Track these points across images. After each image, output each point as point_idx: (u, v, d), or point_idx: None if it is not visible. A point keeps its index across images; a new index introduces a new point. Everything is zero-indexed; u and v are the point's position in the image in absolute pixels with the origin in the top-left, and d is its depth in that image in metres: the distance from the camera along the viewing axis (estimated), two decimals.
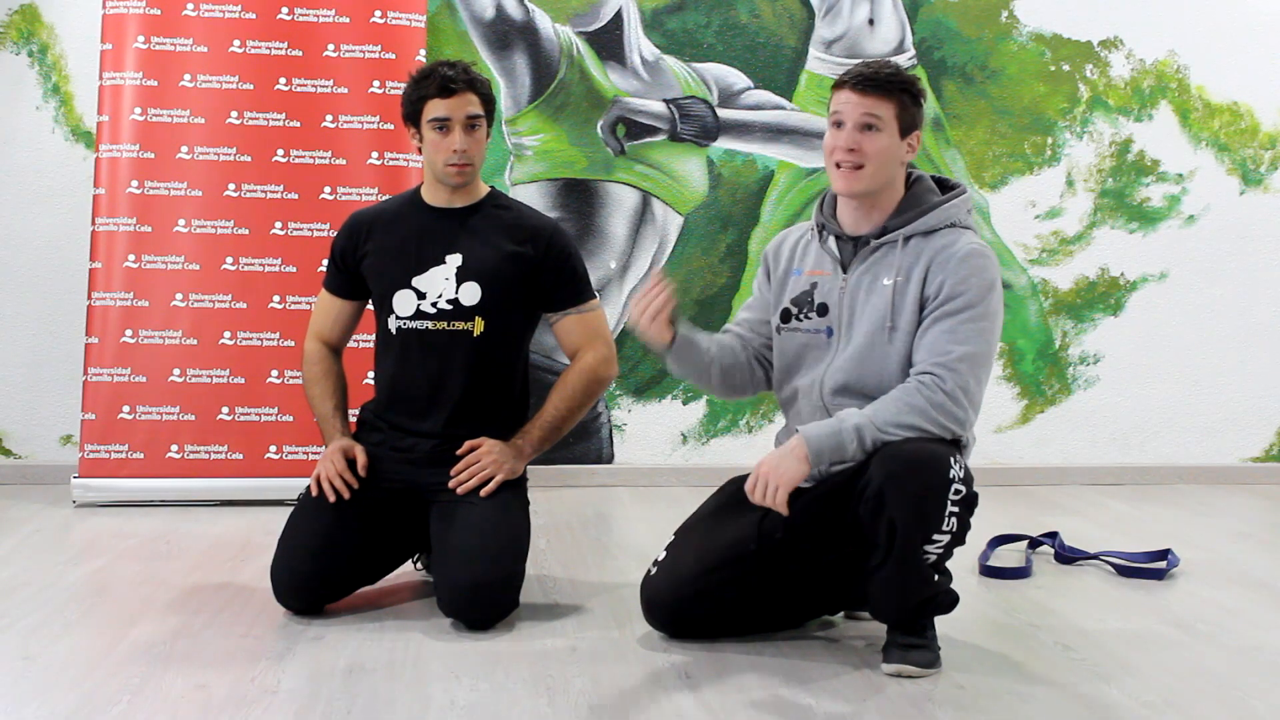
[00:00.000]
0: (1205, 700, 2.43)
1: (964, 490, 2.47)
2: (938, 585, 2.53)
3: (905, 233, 2.61)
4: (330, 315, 3.14)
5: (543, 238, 3.01)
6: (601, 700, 2.39)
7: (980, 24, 4.77)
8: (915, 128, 2.62)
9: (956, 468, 2.45)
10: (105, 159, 4.19)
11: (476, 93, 2.92)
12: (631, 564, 3.44)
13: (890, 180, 2.62)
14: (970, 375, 2.50)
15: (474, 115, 2.92)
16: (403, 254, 3.01)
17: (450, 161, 2.92)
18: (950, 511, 2.44)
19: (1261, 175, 4.91)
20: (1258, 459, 4.96)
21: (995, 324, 2.57)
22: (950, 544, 2.49)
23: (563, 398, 3.03)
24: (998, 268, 2.60)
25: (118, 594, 3.09)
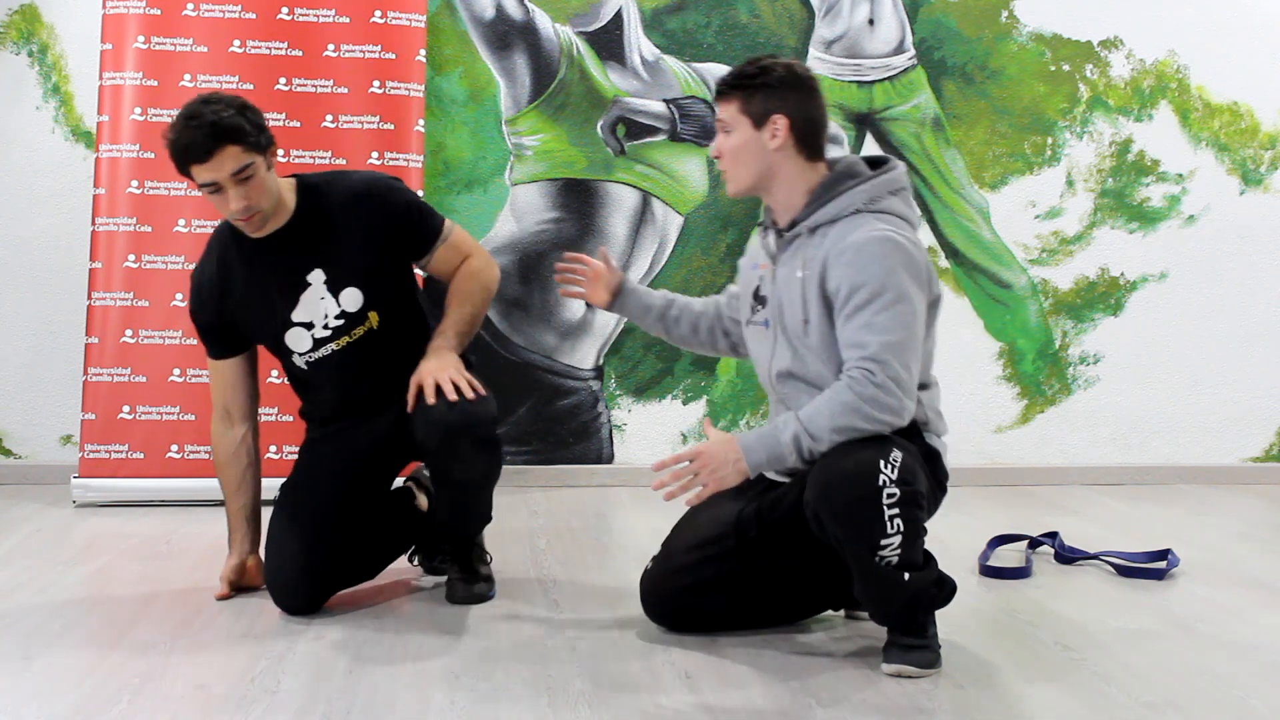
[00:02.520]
0: (1205, 700, 2.43)
1: (899, 491, 2.41)
2: (913, 583, 2.48)
3: (809, 224, 2.61)
4: (227, 382, 3.00)
5: (367, 201, 2.90)
6: (601, 700, 2.39)
7: (980, 24, 4.77)
8: (770, 114, 2.59)
9: (887, 470, 2.41)
10: (105, 159, 4.19)
11: (236, 141, 2.69)
12: (631, 564, 3.44)
13: (765, 173, 2.63)
14: (897, 362, 2.45)
15: (240, 169, 2.71)
16: (267, 301, 2.91)
17: (236, 218, 2.79)
18: (890, 515, 2.41)
19: (1261, 175, 4.91)
20: (1258, 459, 4.95)
21: (910, 305, 2.48)
22: (906, 543, 2.44)
23: (464, 298, 2.97)
24: (904, 248, 2.51)
25: (118, 594, 3.09)
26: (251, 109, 2.78)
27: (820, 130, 2.66)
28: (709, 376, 4.72)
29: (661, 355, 4.71)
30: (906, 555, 2.46)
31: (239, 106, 2.75)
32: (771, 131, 2.60)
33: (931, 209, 4.77)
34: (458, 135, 4.59)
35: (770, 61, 2.63)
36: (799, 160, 2.63)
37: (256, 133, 2.73)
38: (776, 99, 2.59)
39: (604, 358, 4.69)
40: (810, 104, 2.64)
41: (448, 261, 3.00)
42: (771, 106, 2.59)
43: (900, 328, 2.47)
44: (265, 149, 2.76)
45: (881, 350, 2.45)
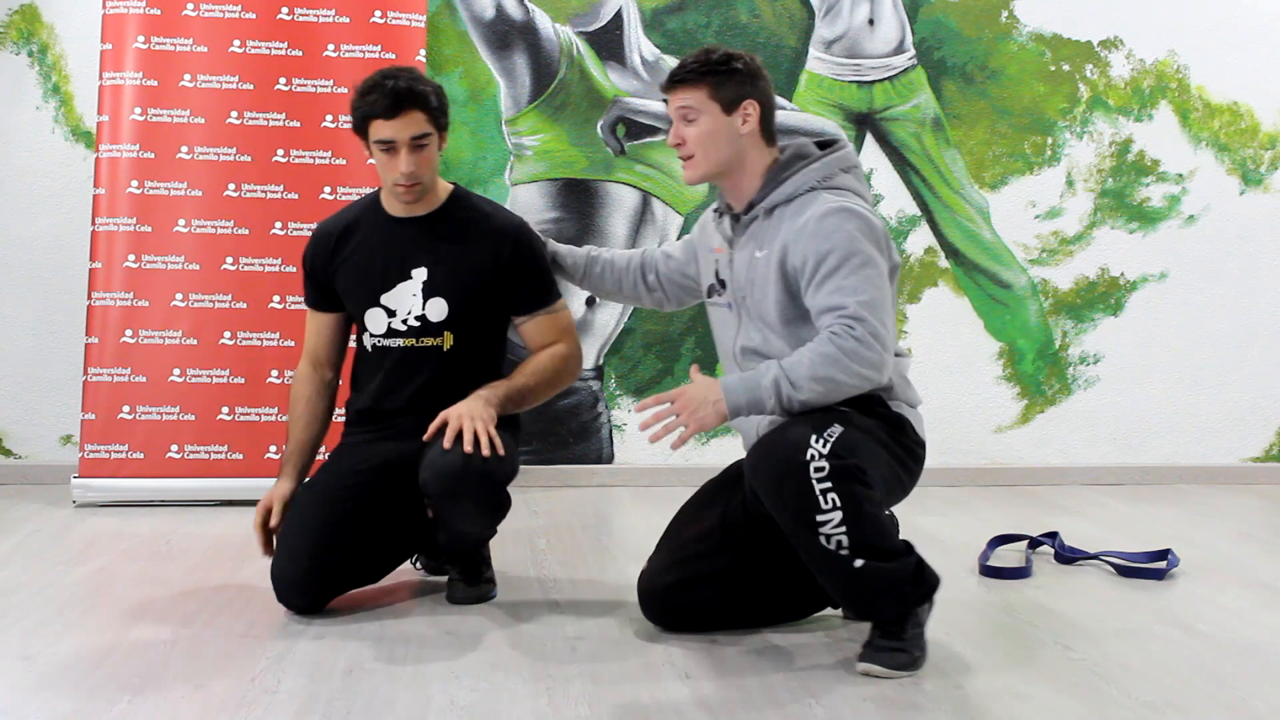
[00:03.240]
0: (1205, 700, 2.43)
1: (829, 465, 2.38)
2: (874, 573, 2.43)
3: (765, 205, 2.65)
4: (317, 332, 3.10)
5: (507, 240, 2.96)
6: (601, 700, 2.39)
7: (980, 24, 4.77)
8: (742, 99, 2.64)
9: (818, 444, 2.40)
10: (105, 159, 4.19)
11: (424, 109, 2.81)
12: (631, 564, 3.44)
13: (734, 158, 2.67)
14: (875, 319, 2.46)
15: (420, 135, 2.82)
16: (369, 271, 2.97)
17: (398, 183, 2.86)
18: (820, 489, 2.38)
19: (1261, 175, 4.91)
20: (1258, 459, 4.96)
21: (877, 268, 2.51)
22: (851, 522, 2.39)
23: (534, 373, 2.98)
24: (862, 217, 2.54)
25: (118, 594, 3.09)
26: (441, 91, 2.89)
27: (773, 114, 2.73)
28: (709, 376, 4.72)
29: (661, 355, 4.71)
30: (857, 537, 2.41)
31: (433, 86, 2.87)
32: (743, 116, 2.65)
33: (931, 209, 4.77)
34: (458, 135, 4.59)
35: (728, 51, 2.69)
36: (760, 144, 2.69)
37: (441, 111, 2.85)
38: (748, 85, 2.65)
39: (604, 358, 4.69)
40: (770, 90, 2.72)
41: (541, 334, 3.02)
42: (744, 92, 2.65)
43: (872, 287, 2.49)
44: (442, 130, 2.87)
45: (859, 308, 2.46)
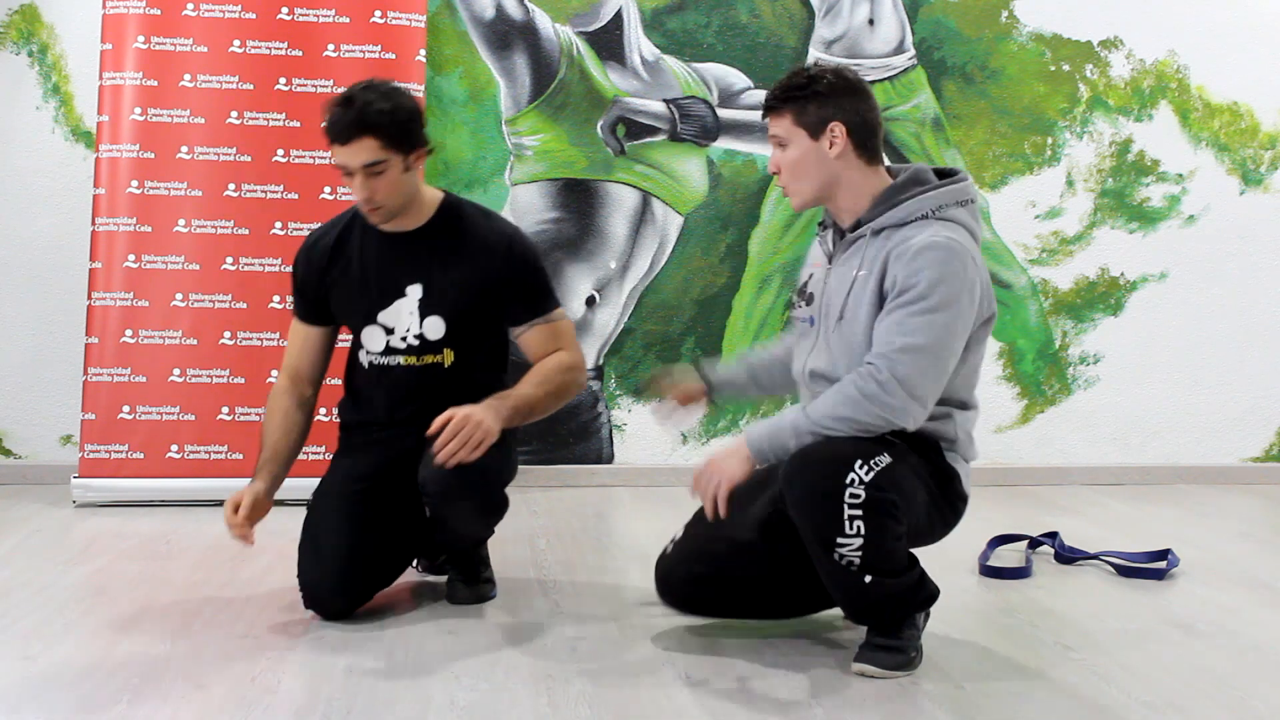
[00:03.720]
0: (1205, 700, 2.43)
1: (865, 494, 2.36)
2: (878, 588, 2.45)
3: (874, 226, 2.57)
4: (302, 347, 3.02)
5: (500, 251, 2.88)
6: (601, 700, 2.39)
7: (980, 24, 4.77)
8: (828, 121, 2.54)
9: (860, 470, 2.37)
10: (105, 159, 4.19)
11: (378, 135, 2.69)
12: (631, 564, 3.45)
13: (829, 181, 2.59)
14: (911, 366, 2.41)
15: (373, 163, 2.70)
16: (365, 287, 2.92)
17: (361, 207, 2.81)
18: (850, 515, 2.37)
19: (1261, 175, 4.91)
20: (1258, 459, 4.96)
21: (948, 315, 2.44)
22: (869, 548, 2.39)
23: (541, 382, 2.87)
24: (963, 259, 2.47)
25: (118, 594, 3.09)
26: (406, 110, 2.75)
27: (876, 132, 2.63)
28: None
29: (661, 355, 4.71)
30: (870, 559, 2.41)
31: (394, 106, 2.71)
32: (830, 139, 2.56)
33: None
34: (458, 135, 4.59)
35: (817, 70, 2.59)
36: (860, 165, 2.60)
37: (401, 133, 2.71)
38: (831, 106, 2.55)
39: (604, 358, 4.69)
40: (864, 107, 2.59)
41: (540, 343, 2.92)
42: (826, 114, 2.55)
43: (928, 334, 2.43)
44: (409, 151, 2.75)
45: (900, 350, 2.42)
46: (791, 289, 2.90)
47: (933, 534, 2.64)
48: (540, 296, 2.93)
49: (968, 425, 2.63)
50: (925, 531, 2.61)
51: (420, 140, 2.79)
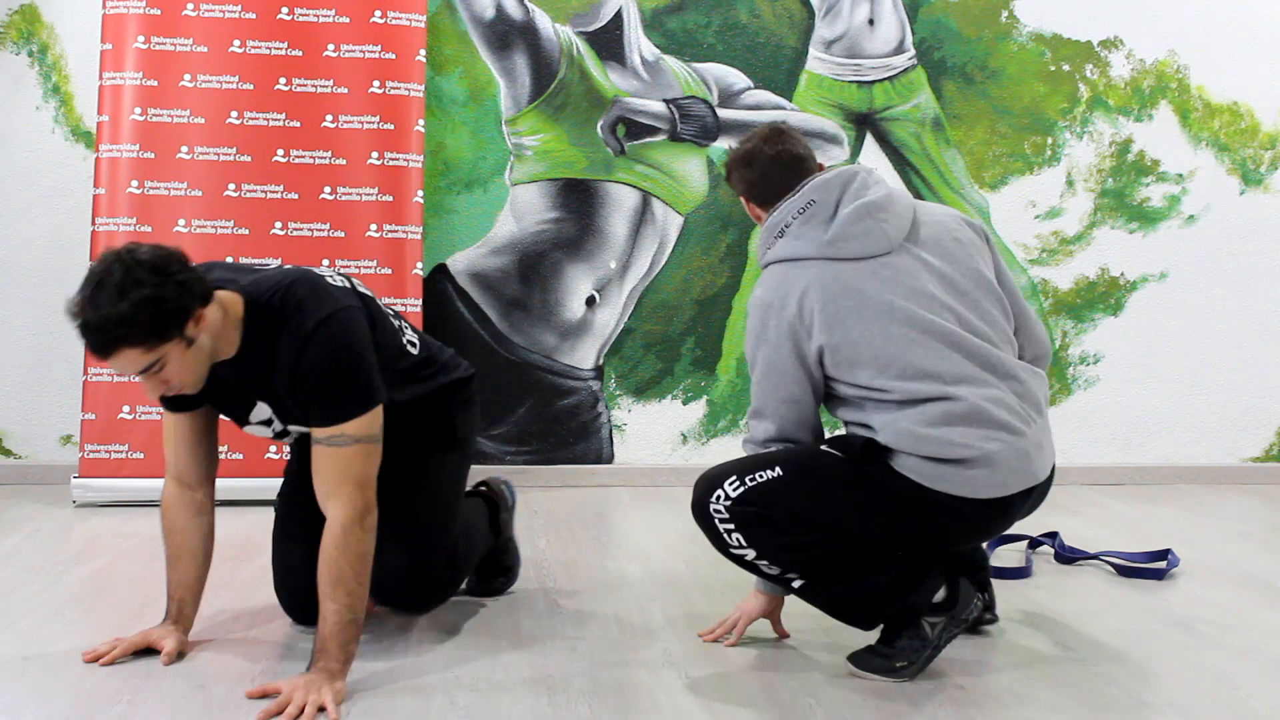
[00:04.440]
0: (1205, 700, 2.43)
1: (725, 510, 2.52)
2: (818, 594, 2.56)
3: None
4: (178, 440, 2.64)
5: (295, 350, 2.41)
6: (601, 700, 2.39)
7: (980, 24, 4.77)
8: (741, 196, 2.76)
9: (729, 487, 2.52)
10: (105, 159, 4.19)
11: (130, 345, 2.24)
12: (632, 564, 3.45)
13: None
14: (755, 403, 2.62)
15: (145, 368, 2.30)
16: (227, 401, 2.61)
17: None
18: (724, 529, 2.53)
19: (1261, 175, 4.91)
20: (1258, 459, 4.96)
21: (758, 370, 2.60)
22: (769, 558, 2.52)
23: (335, 584, 2.38)
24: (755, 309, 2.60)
25: (118, 594, 3.09)
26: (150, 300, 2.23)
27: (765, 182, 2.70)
28: (709, 377, 4.73)
29: (661, 355, 4.71)
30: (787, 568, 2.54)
31: (133, 306, 2.21)
32: (749, 209, 2.77)
33: None
34: (458, 135, 4.59)
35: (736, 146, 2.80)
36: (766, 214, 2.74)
37: (158, 326, 2.25)
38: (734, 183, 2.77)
39: (604, 358, 4.69)
40: (747, 173, 2.73)
41: (317, 469, 2.44)
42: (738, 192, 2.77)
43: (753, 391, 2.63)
44: (178, 332, 2.28)
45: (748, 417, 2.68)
46: None
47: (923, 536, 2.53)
48: (325, 407, 2.42)
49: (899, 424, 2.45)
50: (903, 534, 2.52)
51: (187, 312, 2.29)
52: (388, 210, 4.29)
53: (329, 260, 4.24)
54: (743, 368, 4.70)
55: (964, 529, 2.54)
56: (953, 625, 2.53)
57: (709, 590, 3.17)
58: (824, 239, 2.55)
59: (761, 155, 2.69)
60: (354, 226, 4.27)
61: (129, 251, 2.27)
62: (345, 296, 2.50)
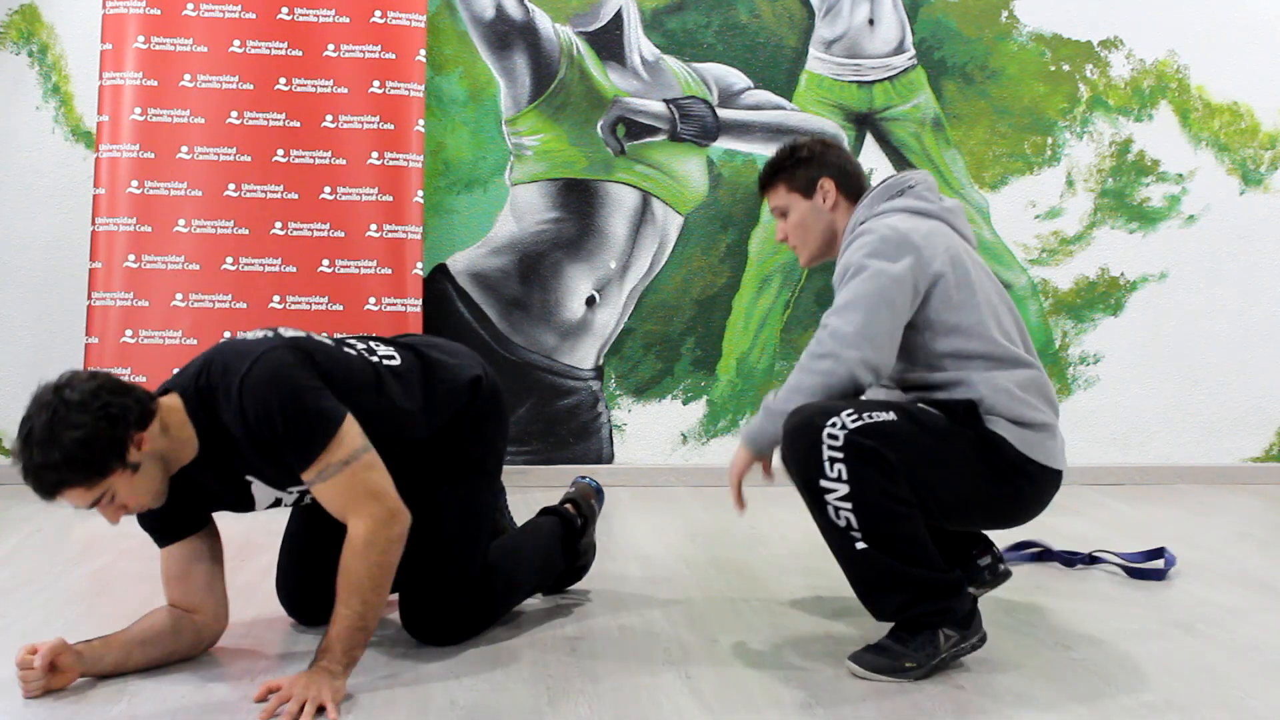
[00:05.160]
0: (1205, 700, 2.43)
1: (842, 438, 2.42)
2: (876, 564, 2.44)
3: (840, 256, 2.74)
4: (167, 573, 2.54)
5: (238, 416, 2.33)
6: (601, 700, 2.39)
7: (980, 24, 4.77)
8: (816, 179, 2.77)
9: (845, 417, 2.43)
10: (105, 159, 4.19)
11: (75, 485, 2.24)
12: (632, 564, 3.44)
13: (829, 230, 2.80)
14: (839, 318, 2.53)
15: (94, 502, 2.28)
16: (227, 504, 2.56)
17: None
18: (830, 455, 2.42)
19: (1261, 175, 4.91)
20: (1258, 459, 4.96)
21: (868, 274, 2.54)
22: (858, 503, 2.40)
23: (351, 591, 2.35)
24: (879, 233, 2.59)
25: (118, 594, 3.09)
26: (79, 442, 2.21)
27: (857, 173, 2.82)
28: (709, 376, 4.73)
29: (661, 355, 4.71)
30: (865, 523, 2.42)
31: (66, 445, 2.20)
32: (822, 195, 2.78)
33: None
34: (458, 135, 4.59)
35: (792, 143, 2.83)
36: (848, 207, 2.80)
37: (98, 462, 2.21)
38: (816, 166, 2.78)
39: (604, 358, 4.69)
40: (843, 159, 2.82)
41: (329, 502, 2.39)
42: (815, 174, 2.78)
43: (851, 293, 2.55)
44: (121, 462, 2.24)
45: (828, 315, 2.57)
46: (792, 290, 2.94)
47: (987, 507, 2.60)
48: (293, 449, 2.35)
49: (997, 381, 2.57)
50: (973, 503, 2.57)
51: (122, 442, 2.24)
52: (388, 210, 4.30)
53: (329, 260, 4.25)
54: (742, 368, 4.71)
55: (1035, 499, 2.68)
56: (963, 644, 2.55)
57: (709, 590, 3.17)
58: (944, 206, 2.74)
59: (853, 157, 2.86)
60: (354, 226, 4.27)
61: (57, 391, 2.27)
62: (262, 344, 2.40)
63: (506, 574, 2.80)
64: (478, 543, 2.71)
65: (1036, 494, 2.65)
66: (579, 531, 3.05)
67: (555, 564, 2.98)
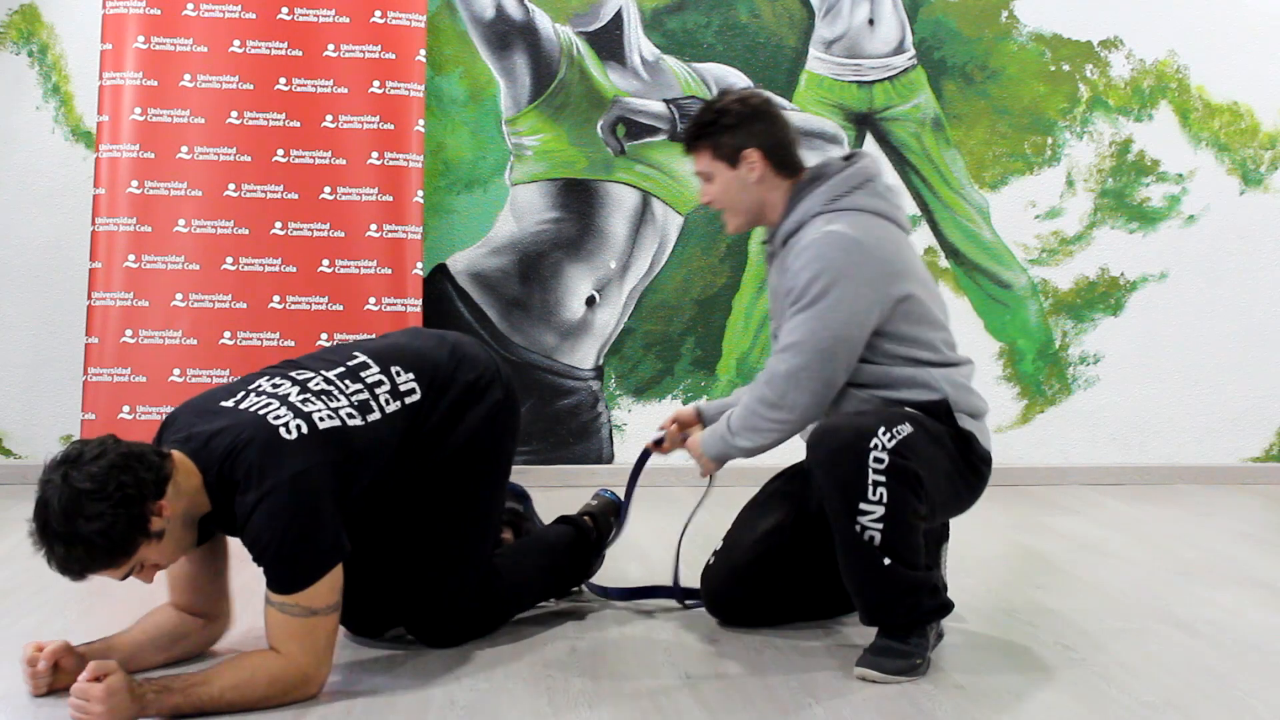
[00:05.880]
0: (1205, 700, 2.43)
1: (889, 459, 2.40)
2: (895, 578, 2.44)
3: (780, 236, 2.70)
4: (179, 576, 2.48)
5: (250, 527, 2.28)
6: (601, 700, 2.39)
7: (980, 24, 4.77)
8: (741, 149, 2.66)
9: (884, 436, 2.42)
10: (105, 159, 4.19)
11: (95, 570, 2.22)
12: (631, 564, 3.44)
13: (756, 203, 2.71)
14: (790, 361, 2.54)
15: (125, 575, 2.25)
16: None
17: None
18: (873, 479, 2.40)
19: (1261, 175, 4.91)
20: (1258, 459, 4.96)
21: (824, 305, 2.52)
22: (889, 522, 2.40)
23: (234, 683, 2.25)
24: (842, 246, 2.55)
25: (118, 594, 3.08)
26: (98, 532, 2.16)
27: (790, 147, 2.73)
28: (709, 376, 4.73)
29: (661, 355, 4.71)
30: (890, 538, 2.42)
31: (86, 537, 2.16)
32: (748, 166, 2.67)
33: (931, 209, 4.77)
34: (458, 135, 4.59)
35: (723, 102, 2.70)
36: (779, 182, 2.71)
37: (121, 546, 2.18)
38: (742, 134, 2.67)
39: (604, 358, 4.69)
40: (774, 127, 2.71)
41: (269, 628, 2.32)
42: (740, 142, 2.67)
43: (804, 329, 2.54)
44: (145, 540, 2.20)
45: (780, 350, 2.58)
46: None
47: (958, 502, 2.66)
48: (274, 570, 2.30)
49: (955, 378, 2.62)
50: (951, 500, 2.62)
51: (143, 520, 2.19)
52: (388, 210, 4.29)
53: (329, 260, 4.25)
54: (742, 368, 4.70)
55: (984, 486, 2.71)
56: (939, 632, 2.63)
57: None
58: (896, 204, 2.72)
59: (787, 120, 2.75)
60: (354, 226, 4.27)
61: (65, 478, 2.18)
62: (297, 455, 2.30)
63: (512, 579, 2.79)
64: (481, 547, 2.71)
65: (985, 482, 2.70)
66: (594, 545, 3.05)
67: (565, 572, 2.98)
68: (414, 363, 2.60)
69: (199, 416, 2.38)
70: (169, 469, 2.23)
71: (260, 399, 2.38)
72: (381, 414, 2.47)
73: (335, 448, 2.35)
